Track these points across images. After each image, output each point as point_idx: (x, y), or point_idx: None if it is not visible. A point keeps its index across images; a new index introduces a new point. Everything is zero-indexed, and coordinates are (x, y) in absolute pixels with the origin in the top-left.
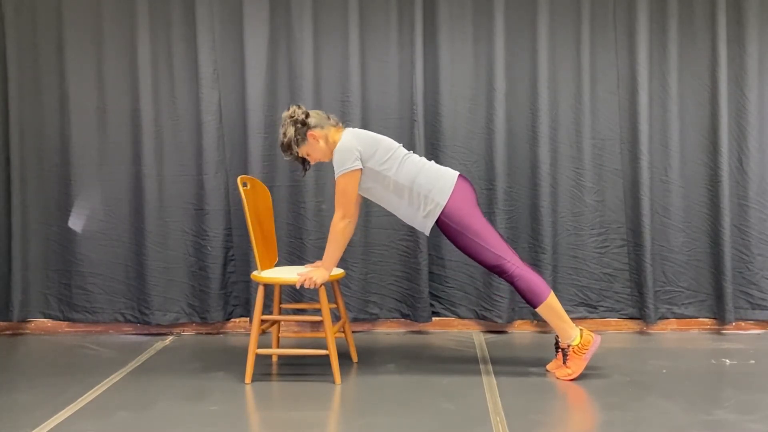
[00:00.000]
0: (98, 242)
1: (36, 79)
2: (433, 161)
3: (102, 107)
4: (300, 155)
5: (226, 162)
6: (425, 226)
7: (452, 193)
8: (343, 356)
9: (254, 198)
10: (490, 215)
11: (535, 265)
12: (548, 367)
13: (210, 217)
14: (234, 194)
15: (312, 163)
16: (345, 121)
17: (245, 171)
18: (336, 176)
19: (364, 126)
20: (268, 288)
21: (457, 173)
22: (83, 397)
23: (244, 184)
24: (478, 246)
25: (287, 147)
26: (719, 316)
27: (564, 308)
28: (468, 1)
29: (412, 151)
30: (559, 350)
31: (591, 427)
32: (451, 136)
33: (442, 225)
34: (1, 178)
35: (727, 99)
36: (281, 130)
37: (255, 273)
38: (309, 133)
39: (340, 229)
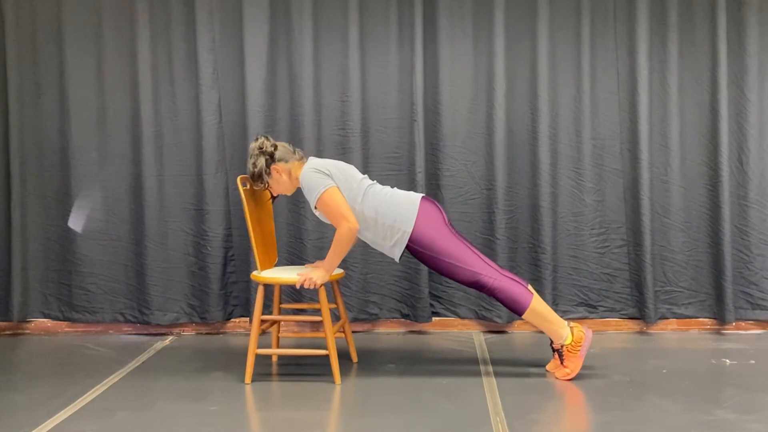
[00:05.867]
0: (98, 242)
1: (36, 79)
2: (395, 188)
3: (102, 107)
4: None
5: (226, 162)
6: (394, 254)
7: (417, 218)
8: (343, 356)
9: (254, 198)
10: (489, 215)
11: (535, 265)
12: (547, 367)
13: (210, 217)
14: (234, 194)
15: (273, 194)
16: (345, 123)
17: (245, 171)
18: (314, 203)
19: (364, 126)
20: (268, 288)
21: (420, 196)
22: (83, 397)
23: (244, 184)
24: (452, 266)
25: (258, 177)
26: (719, 316)
27: (564, 308)
28: (468, 1)
29: (375, 181)
30: (555, 351)
31: (591, 427)
32: (451, 136)
33: (412, 250)
34: (1, 178)
35: (727, 99)
36: (251, 161)
37: (255, 273)
38: (273, 166)
39: (347, 237)
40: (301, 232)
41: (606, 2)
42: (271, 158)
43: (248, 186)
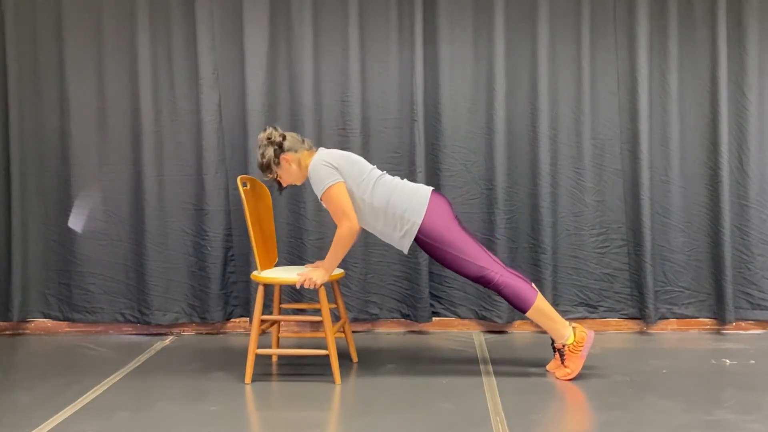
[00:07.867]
0: (98, 242)
1: (36, 79)
2: (405, 180)
3: (102, 107)
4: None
5: (226, 162)
6: (403, 245)
7: (427, 210)
8: (343, 356)
9: (254, 198)
10: (489, 215)
11: (535, 265)
12: (548, 367)
13: (210, 217)
14: (234, 194)
15: (284, 185)
16: (345, 123)
17: (245, 171)
18: (320, 195)
19: (364, 126)
20: (268, 288)
21: (431, 189)
22: (83, 397)
23: (244, 184)
24: (459, 259)
25: (266, 167)
26: (719, 316)
27: (564, 308)
28: (468, 1)
29: (385, 172)
30: (556, 351)
31: (591, 427)
32: (451, 136)
33: (420, 242)
34: (1, 178)
35: (727, 99)
36: (259, 152)
37: (255, 273)
38: (282, 156)
39: (347, 236)
40: (301, 232)
41: (606, 2)
42: (279, 148)
43: (248, 186)
